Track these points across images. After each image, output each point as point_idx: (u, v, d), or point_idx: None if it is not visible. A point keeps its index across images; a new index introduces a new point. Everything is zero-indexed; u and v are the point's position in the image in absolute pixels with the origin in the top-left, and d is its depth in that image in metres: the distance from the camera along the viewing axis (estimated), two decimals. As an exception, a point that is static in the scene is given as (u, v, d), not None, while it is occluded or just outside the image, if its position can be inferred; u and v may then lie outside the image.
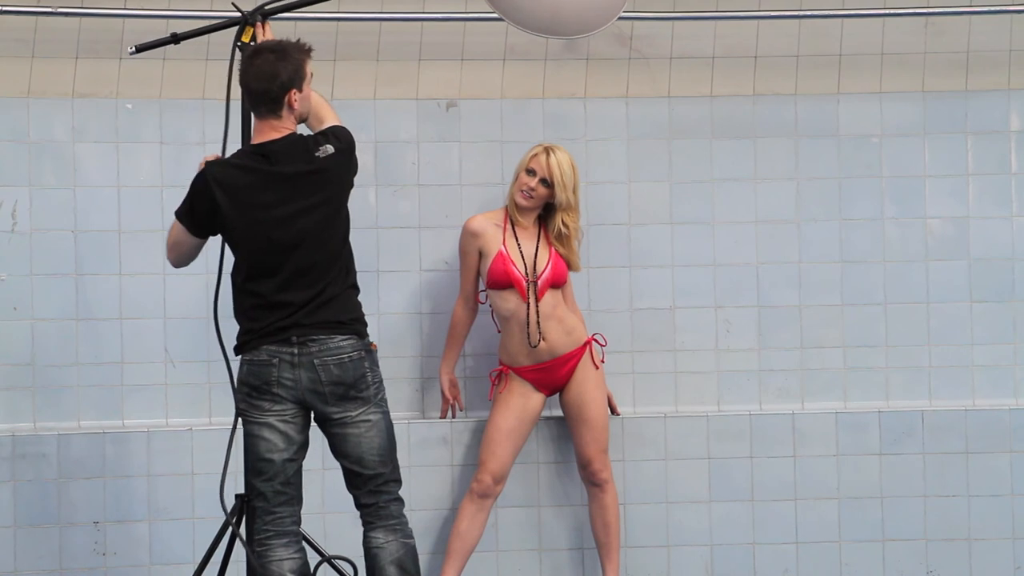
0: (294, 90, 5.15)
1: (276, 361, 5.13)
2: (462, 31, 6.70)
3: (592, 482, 6.44)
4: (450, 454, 6.60)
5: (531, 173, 6.34)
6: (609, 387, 6.52)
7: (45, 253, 6.47)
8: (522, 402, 6.38)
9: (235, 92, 5.31)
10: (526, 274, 6.32)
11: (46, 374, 6.46)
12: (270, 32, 5.41)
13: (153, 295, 6.53)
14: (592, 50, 6.76)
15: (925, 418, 6.75)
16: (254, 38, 5.39)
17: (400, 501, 5.31)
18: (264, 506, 5.19)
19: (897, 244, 6.85)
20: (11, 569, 6.30)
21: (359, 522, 5.32)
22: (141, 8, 6.41)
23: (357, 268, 5.34)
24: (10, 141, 6.47)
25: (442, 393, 6.55)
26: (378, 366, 5.28)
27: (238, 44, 5.41)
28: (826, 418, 6.74)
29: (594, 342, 6.44)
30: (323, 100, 5.42)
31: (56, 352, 6.46)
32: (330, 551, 5.55)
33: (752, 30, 6.81)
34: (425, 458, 6.55)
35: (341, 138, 5.25)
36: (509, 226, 6.39)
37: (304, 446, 5.24)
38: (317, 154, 5.17)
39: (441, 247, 6.65)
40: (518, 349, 6.36)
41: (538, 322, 6.31)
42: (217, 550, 5.50)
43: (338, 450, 5.25)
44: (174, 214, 5.29)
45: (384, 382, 5.32)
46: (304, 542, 5.32)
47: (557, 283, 6.36)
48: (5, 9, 6.27)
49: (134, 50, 5.61)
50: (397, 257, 6.66)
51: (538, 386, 6.40)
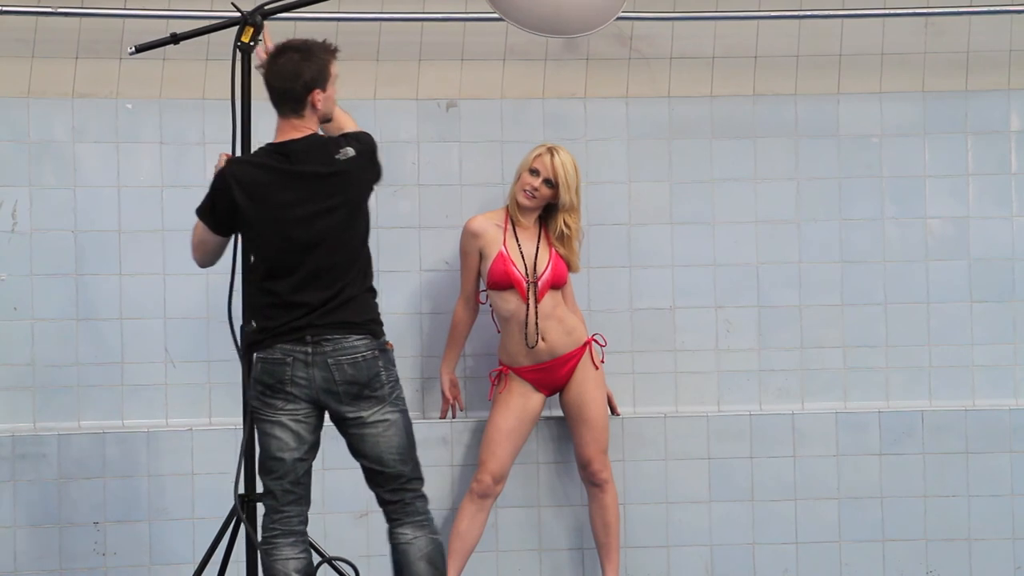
0: (317, 90, 5.15)
1: (290, 360, 5.12)
2: (462, 31, 6.70)
3: (592, 482, 6.44)
4: (450, 454, 6.59)
5: (534, 173, 6.33)
6: (609, 387, 6.52)
7: (45, 253, 6.47)
8: (522, 402, 6.38)
9: (233, 93, 5.32)
10: (526, 275, 6.32)
11: (46, 374, 6.45)
12: (268, 39, 5.39)
13: (153, 295, 6.53)
14: (592, 50, 6.75)
15: (925, 418, 6.75)
16: (254, 38, 5.39)
17: (424, 498, 5.29)
18: (272, 504, 5.18)
19: (897, 244, 6.84)
20: (11, 569, 6.29)
21: (359, 523, 5.32)
22: (141, 8, 6.41)
23: (359, 268, 5.34)
24: (10, 141, 6.47)
25: (442, 393, 6.55)
26: (394, 365, 5.26)
27: (238, 44, 5.41)
28: (826, 418, 6.74)
29: (594, 342, 6.44)
30: (345, 113, 5.42)
31: (56, 352, 6.46)
32: (330, 551, 5.53)
33: (752, 30, 6.81)
34: (425, 458, 6.42)
35: (363, 141, 5.25)
36: (510, 226, 6.39)
37: (315, 446, 5.22)
38: (337, 156, 5.16)
39: (441, 247, 6.64)
40: (518, 349, 6.35)
41: (538, 323, 6.31)
42: (217, 550, 5.50)
43: (356, 450, 5.23)
44: (195, 212, 5.28)
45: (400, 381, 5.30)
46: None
47: (557, 284, 6.35)
48: (5, 9, 6.26)
49: (134, 50, 5.60)
50: (397, 257, 6.65)
51: (538, 386, 6.39)
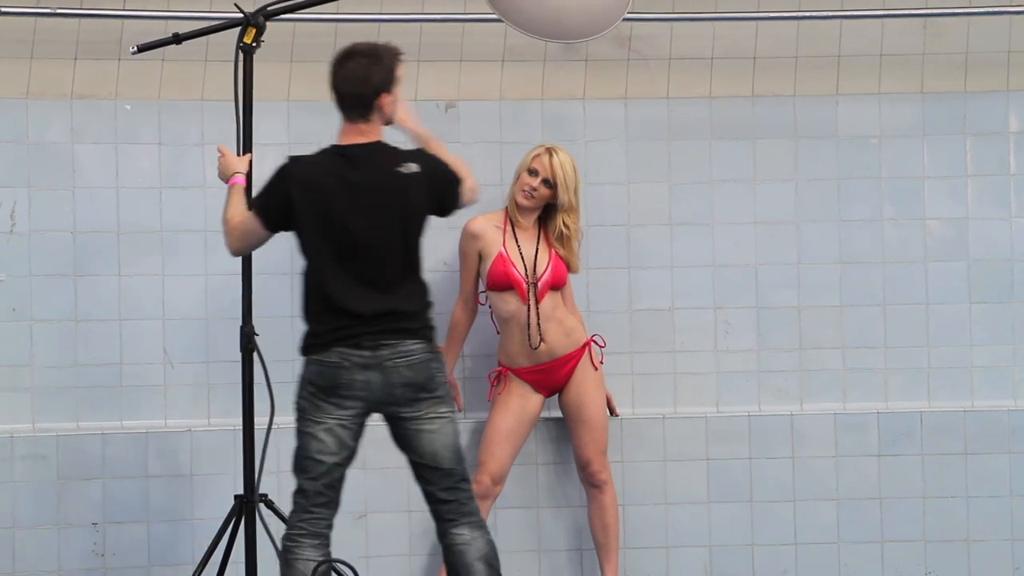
0: (385, 93, 5.14)
1: (347, 364, 5.08)
2: (461, 32, 6.70)
3: (591, 483, 6.44)
4: (449, 455, 6.59)
5: (533, 173, 6.33)
6: (608, 388, 6.52)
7: (44, 254, 6.46)
8: (521, 403, 6.38)
9: (236, 94, 5.32)
10: (526, 276, 6.32)
11: (45, 375, 6.45)
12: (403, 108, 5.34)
13: (152, 296, 6.52)
14: (591, 51, 6.75)
15: (924, 419, 6.75)
16: (255, 39, 5.39)
17: (475, 499, 5.28)
18: (302, 503, 5.12)
19: (896, 245, 6.85)
20: (10, 570, 6.29)
21: (359, 524, 5.31)
22: (141, 9, 6.40)
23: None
24: (9, 142, 6.46)
25: (442, 394, 6.55)
26: (445, 368, 5.25)
27: (240, 45, 5.41)
28: (825, 419, 6.74)
29: (593, 343, 6.44)
30: (461, 162, 5.37)
31: (55, 353, 6.45)
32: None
33: (751, 31, 6.81)
34: (424, 459, 6.54)
35: (433, 165, 5.21)
36: (509, 227, 6.39)
37: (354, 454, 5.16)
38: (399, 169, 5.13)
39: (441, 248, 6.62)
40: (517, 350, 6.35)
41: (538, 324, 6.31)
42: (216, 551, 5.49)
43: (409, 446, 5.18)
44: (250, 201, 5.24)
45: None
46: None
47: (557, 285, 6.35)
48: (5, 10, 6.26)
49: (135, 50, 5.61)
50: (396, 258, 6.65)
51: (537, 387, 6.39)
